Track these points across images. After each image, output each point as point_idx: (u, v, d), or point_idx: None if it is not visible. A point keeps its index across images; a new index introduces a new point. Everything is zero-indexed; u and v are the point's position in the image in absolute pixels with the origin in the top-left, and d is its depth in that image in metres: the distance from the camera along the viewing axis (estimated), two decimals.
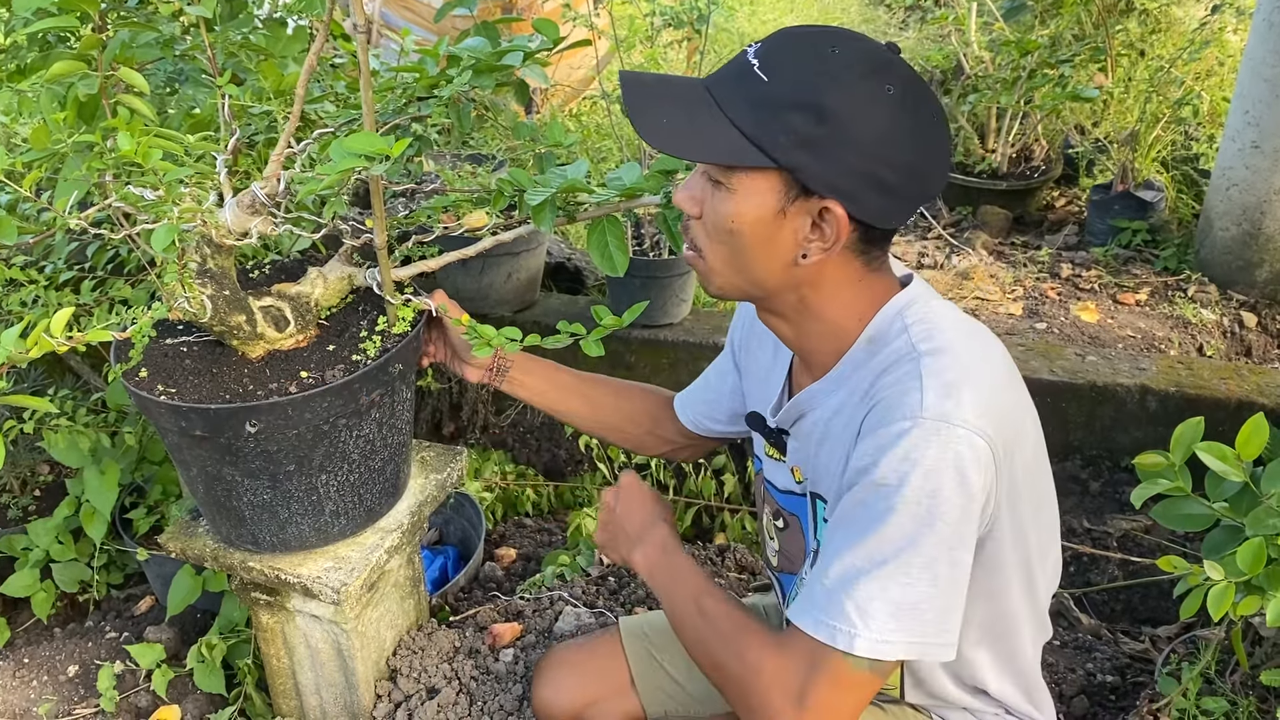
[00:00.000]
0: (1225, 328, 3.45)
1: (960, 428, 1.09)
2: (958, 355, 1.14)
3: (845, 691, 1.13)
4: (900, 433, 1.10)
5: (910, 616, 1.10)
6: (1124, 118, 4.01)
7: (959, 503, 1.09)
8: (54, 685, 2.10)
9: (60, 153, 1.52)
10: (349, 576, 1.58)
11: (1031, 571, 1.26)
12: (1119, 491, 2.68)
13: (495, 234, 1.61)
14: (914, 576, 1.09)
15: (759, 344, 1.50)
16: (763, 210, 1.14)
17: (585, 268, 3.42)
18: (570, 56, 4.67)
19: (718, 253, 1.20)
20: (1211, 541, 1.56)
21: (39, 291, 1.89)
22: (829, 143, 1.09)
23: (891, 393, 1.14)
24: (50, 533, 2.25)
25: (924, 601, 1.10)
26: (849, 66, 1.09)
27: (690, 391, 1.68)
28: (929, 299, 1.23)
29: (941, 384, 1.11)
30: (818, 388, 1.28)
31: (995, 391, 1.14)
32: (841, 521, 1.16)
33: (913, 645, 1.11)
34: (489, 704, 1.78)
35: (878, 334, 1.21)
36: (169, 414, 1.43)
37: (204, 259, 1.42)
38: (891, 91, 1.10)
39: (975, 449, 1.09)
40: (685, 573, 1.36)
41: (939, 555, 1.09)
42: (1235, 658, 1.82)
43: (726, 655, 1.23)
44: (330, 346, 1.54)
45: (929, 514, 1.08)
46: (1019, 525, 1.20)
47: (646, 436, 1.73)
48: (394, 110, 1.57)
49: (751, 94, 1.12)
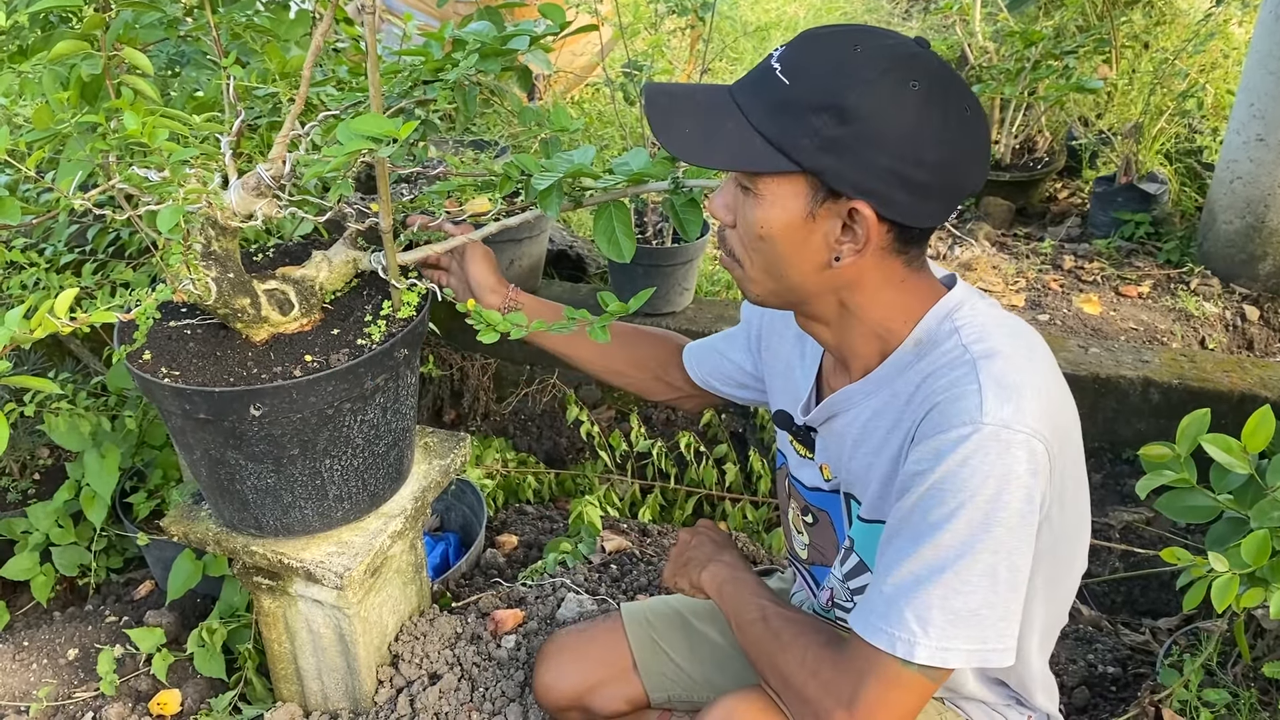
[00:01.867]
0: (1228, 321, 3.45)
1: (1020, 433, 1.08)
2: (1010, 358, 1.13)
3: (899, 698, 1.13)
4: (960, 438, 1.09)
5: (970, 624, 1.09)
6: (1128, 110, 4.00)
7: (1018, 508, 1.08)
8: (54, 669, 2.10)
9: (63, 133, 1.51)
10: (352, 561, 1.58)
11: (1059, 563, 1.26)
12: (1121, 483, 2.68)
13: (499, 219, 1.60)
14: (974, 584, 1.09)
15: (779, 339, 1.49)
16: (791, 215, 1.13)
17: (587, 255, 3.41)
18: (573, 43, 4.65)
19: (753, 260, 1.19)
20: (1215, 533, 1.55)
21: (40, 274, 1.89)
22: (852, 143, 1.07)
23: (947, 397, 1.12)
24: (50, 516, 2.25)
25: (984, 608, 1.09)
26: (870, 64, 1.07)
27: (701, 349, 1.67)
28: (975, 300, 1.22)
29: (1000, 388, 1.10)
30: (856, 389, 1.27)
31: (1048, 393, 1.14)
32: (899, 528, 1.15)
33: (973, 653, 1.10)
34: (490, 690, 1.78)
35: (926, 336, 1.20)
36: (173, 397, 1.42)
37: (208, 241, 1.41)
38: (917, 87, 1.07)
39: (1034, 454, 1.08)
40: (751, 587, 1.39)
41: (998, 561, 1.09)
42: (1237, 650, 1.82)
43: (787, 660, 1.24)
44: (335, 330, 1.54)
45: (988, 520, 1.08)
46: (1064, 522, 1.20)
47: (653, 382, 1.73)
48: (398, 94, 1.56)
49: (773, 98, 1.11)
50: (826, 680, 1.17)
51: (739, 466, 2.76)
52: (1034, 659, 1.33)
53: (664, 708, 1.68)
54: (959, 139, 1.11)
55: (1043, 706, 1.40)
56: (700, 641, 1.67)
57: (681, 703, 1.67)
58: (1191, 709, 1.78)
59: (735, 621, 1.37)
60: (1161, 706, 1.79)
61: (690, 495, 2.75)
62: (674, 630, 1.68)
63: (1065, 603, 1.34)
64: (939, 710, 1.38)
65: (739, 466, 2.76)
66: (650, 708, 1.68)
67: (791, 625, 1.28)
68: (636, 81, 2.78)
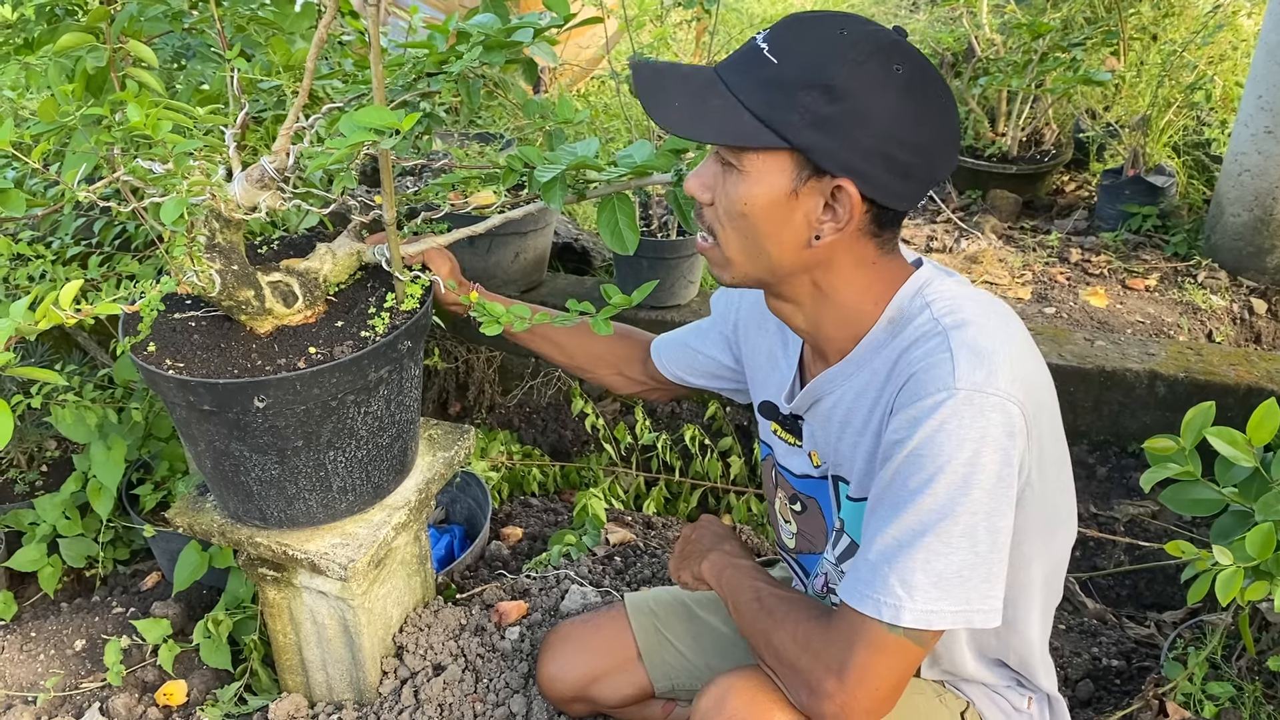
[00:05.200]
0: (1235, 314, 3.43)
1: (994, 395, 1.10)
2: (982, 326, 1.16)
3: (887, 662, 1.14)
4: (935, 404, 1.11)
5: (953, 585, 1.11)
6: (1135, 102, 3.98)
7: (995, 470, 1.10)
8: (61, 659, 2.11)
9: (68, 126, 1.51)
10: (356, 553, 1.58)
11: (1055, 534, 1.28)
12: (1126, 476, 2.67)
13: (503, 211, 1.60)
14: (955, 545, 1.10)
15: (759, 331, 1.50)
16: (775, 192, 1.14)
17: (592, 248, 3.41)
18: (579, 35, 4.64)
19: (731, 238, 1.20)
20: (1220, 526, 1.55)
21: (46, 266, 1.89)
22: (841, 121, 1.09)
23: (921, 367, 1.15)
24: (57, 508, 2.26)
25: (966, 569, 1.11)
26: (856, 46, 1.10)
27: (670, 346, 1.69)
28: (944, 277, 1.24)
29: (972, 354, 1.12)
30: (835, 372, 1.28)
31: (1021, 360, 1.16)
32: (880, 498, 1.17)
33: (958, 614, 1.12)
34: (495, 681, 1.78)
35: (898, 314, 1.22)
36: (177, 388, 1.43)
37: (213, 233, 1.42)
38: (900, 71, 1.10)
39: (1009, 416, 1.10)
40: (748, 572, 1.40)
41: (978, 523, 1.10)
42: (1242, 643, 1.82)
43: (782, 635, 1.25)
44: (339, 323, 1.54)
45: (966, 482, 1.10)
46: (1045, 489, 1.21)
47: (614, 377, 1.77)
48: (403, 86, 1.56)
49: (762, 76, 1.12)
50: (817, 650, 1.19)
51: (743, 459, 2.76)
52: (1035, 634, 1.34)
53: (668, 697, 1.69)
54: (938, 124, 1.14)
55: (1044, 687, 1.40)
56: (703, 630, 1.68)
57: (686, 692, 1.67)
58: (1196, 702, 1.78)
59: (733, 605, 1.38)
60: (1166, 700, 1.79)
61: (695, 488, 2.75)
62: (678, 620, 1.69)
63: (1059, 575, 1.35)
64: (939, 693, 1.39)
65: (743, 459, 2.76)
66: (655, 697, 1.69)
67: (784, 603, 1.29)
68: None
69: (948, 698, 1.39)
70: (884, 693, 1.16)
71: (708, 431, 2.83)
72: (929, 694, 1.38)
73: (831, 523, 1.39)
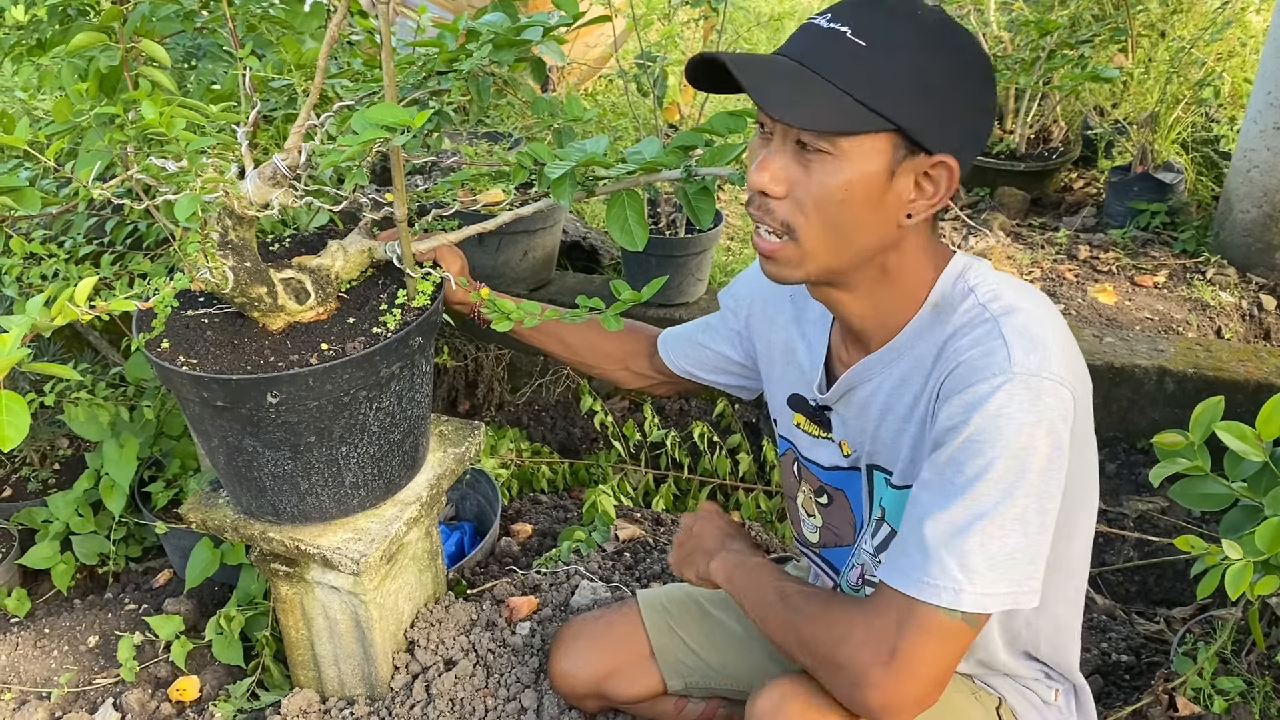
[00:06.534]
0: (1244, 310, 3.43)
1: (1049, 380, 1.11)
2: (1029, 312, 1.17)
3: (940, 647, 1.14)
4: (992, 389, 1.11)
5: (1007, 567, 1.12)
6: (1144, 99, 3.98)
7: (1047, 453, 1.11)
8: (74, 655, 2.12)
9: (82, 125, 1.53)
10: (368, 548, 1.59)
11: (1076, 517, 1.29)
12: (1135, 473, 2.67)
13: (513, 208, 1.61)
14: (1009, 528, 1.11)
15: (770, 325, 1.50)
16: (872, 174, 1.14)
17: (601, 246, 3.42)
18: (586, 34, 4.65)
19: (814, 229, 1.16)
20: (1230, 521, 1.55)
21: (59, 265, 1.90)
22: (943, 99, 1.12)
23: (974, 353, 1.15)
24: (70, 505, 2.27)
25: (1018, 551, 1.12)
26: (940, 25, 1.13)
27: (678, 341, 1.69)
28: (976, 263, 1.26)
29: (1025, 339, 1.14)
30: (875, 359, 1.28)
31: (1067, 343, 1.17)
32: (932, 481, 1.16)
33: (1009, 595, 1.12)
34: (506, 676, 1.79)
35: (943, 299, 1.23)
36: (191, 385, 1.44)
37: (225, 230, 1.43)
38: (967, 47, 1.14)
39: (1062, 400, 1.12)
40: (763, 569, 1.38)
41: (1029, 505, 1.11)
42: (1252, 638, 1.82)
43: (814, 629, 1.23)
44: (350, 319, 1.55)
45: (1023, 467, 1.10)
46: (1078, 471, 1.22)
47: (620, 372, 1.76)
48: (413, 85, 1.57)
49: (855, 59, 1.11)
50: (860, 641, 1.17)
51: (752, 456, 2.76)
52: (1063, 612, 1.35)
53: (680, 694, 1.69)
54: (993, 87, 1.18)
55: (1070, 676, 1.40)
56: (716, 629, 1.68)
57: (698, 690, 1.67)
58: (1205, 697, 1.78)
59: (752, 607, 1.36)
60: (1175, 695, 1.79)
61: (704, 485, 2.75)
62: (690, 618, 1.69)
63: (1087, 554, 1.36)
64: (973, 690, 1.39)
65: (752, 456, 2.76)
66: (666, 694, 1.69)
67: (813, 600, 1.27)
68: (649, 73, 2.78)
69: (981, 694, 1.39)
70: (934, 678, 1.14)
71: (716, 429, 2.83)
72: (964, 691, 1.38)
73: (861, 514, 1.39)
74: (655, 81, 2.79)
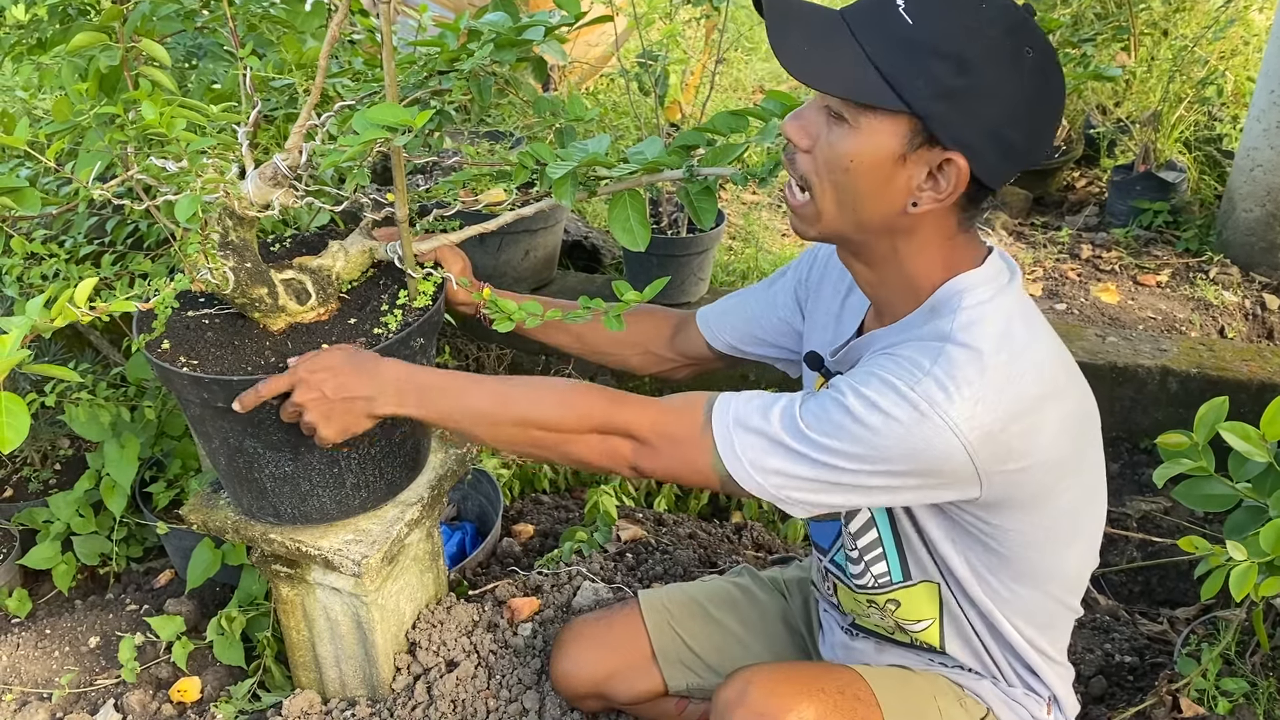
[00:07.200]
0: (1247, 310, 3.42)
1: (939, 420, 1.12)
2: (982, 356, 1.14)
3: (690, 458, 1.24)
4: (895, 385, 1.13)
5: (782, 483, 1.19)
6: (1146, 98, 3.97)
7: (903, 469, 1.15)
8: (75, 656, 2.12)
9: (82, 125, 1.52)
10: (369, 549, 1.59)
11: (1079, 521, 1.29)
12: (1138, 473, 2.66)
13: (514, 208, 1.60)
14: (809, 468, 1.18)
15: (831, 288, 1.49)
16: (883, 153, 1.13)
17: (602, 246, 3.42)
18: (588, 33, 4.65)
19: (826, 191, 1.18)
20: (1234, 522, 1.55)
21: (60, 265, 1.90)
22: (966, 95, 1.09)
23: (908, 350, 1.17)
24: (71, 506, 2.27)
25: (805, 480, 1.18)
26: (994, 21, 1.09)
27: (721, 314, 1.64)
28: (995, 293, 1.21)
29: (949, 376, 1.13)
30: (883, 333, 1.29)
31: (997, 410, 1.13)
32: (820, 395, 1.20)
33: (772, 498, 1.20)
34: (507, 677, 1.79)
35: (937, 305, 1.22)
36: (191, 386, 1.43)
37: (226, 231, 1.42)
38: (1030, 54, 1.10)
39: (941, 443, 1.13)
40: (461, 376, 1.38)
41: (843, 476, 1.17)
42: (1256, 639, 1.82)
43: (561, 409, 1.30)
44: (351, 320, 1.54)
45: (860, 444, 1.15)
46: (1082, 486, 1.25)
47: (638, 357, 1.72)
48: (414, 84, 1.56)
49: (894, 34, 1.10)
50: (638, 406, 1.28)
51: None
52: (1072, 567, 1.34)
53: (681, 695, 1.69)
54: (1051, 113, 1.15)
55: (1053, 686, 1.40)
56: (718, 630, 1.68)
57: (700, 691, 1.67)
58: (1209, 698, 1.77)
59: (468, 421, 1.33)
60: (1179, 696, 1.79)
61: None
62: (692, 619, 1.68)
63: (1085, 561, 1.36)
64: (959, 698, 1.38)
65: None
66: (668, 695, 1.69)
67: (542, 382, 1.35)
68: (651, 72, 2.78)
69: (968, 702, 1.38)
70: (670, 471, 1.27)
71: None
72: (950, 698, 1.37)
73: None
74: (657, 81, 2.78)
